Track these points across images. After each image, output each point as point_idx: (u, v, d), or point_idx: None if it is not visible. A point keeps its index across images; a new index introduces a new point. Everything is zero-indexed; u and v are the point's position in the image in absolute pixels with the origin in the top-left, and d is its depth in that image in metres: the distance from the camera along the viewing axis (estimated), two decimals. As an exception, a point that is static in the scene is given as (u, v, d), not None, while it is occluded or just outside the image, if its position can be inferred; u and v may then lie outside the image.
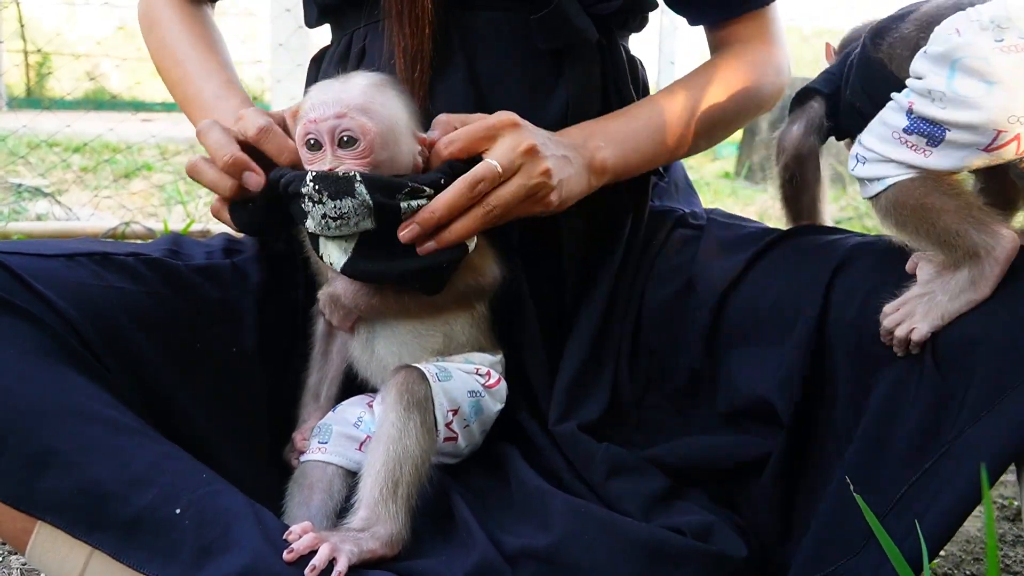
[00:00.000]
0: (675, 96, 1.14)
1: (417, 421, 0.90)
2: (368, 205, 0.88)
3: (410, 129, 0.96)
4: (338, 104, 0.90)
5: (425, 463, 0.90)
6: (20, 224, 3.02)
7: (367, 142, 0.90)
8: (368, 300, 0.99)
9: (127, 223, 2.95)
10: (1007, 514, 1.40)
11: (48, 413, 0.77)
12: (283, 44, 4.20)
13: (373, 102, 0.91)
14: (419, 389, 0.92)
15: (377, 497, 0.86)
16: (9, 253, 0.85)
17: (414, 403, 0.91)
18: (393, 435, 0.89)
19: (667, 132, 1.11)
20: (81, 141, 4.77)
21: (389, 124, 0.92)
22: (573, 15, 1.06)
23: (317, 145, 0.91)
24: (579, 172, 1.02)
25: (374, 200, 0.88)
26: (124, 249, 0.96)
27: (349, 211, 0.88)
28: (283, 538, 0.79)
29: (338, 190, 0.87)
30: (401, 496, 0.87)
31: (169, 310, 0.94)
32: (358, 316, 1.01)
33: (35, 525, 0.79)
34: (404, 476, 0.88)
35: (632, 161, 1.09)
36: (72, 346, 0.82)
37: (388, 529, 0.85)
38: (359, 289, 0.98)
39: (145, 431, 0.81)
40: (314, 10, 1.20)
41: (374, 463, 0.89)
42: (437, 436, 0.93)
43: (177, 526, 0.76)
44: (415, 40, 1.04)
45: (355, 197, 0.88)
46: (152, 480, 0.77)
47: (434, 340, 1.02)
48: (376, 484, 0.87)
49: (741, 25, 1.22)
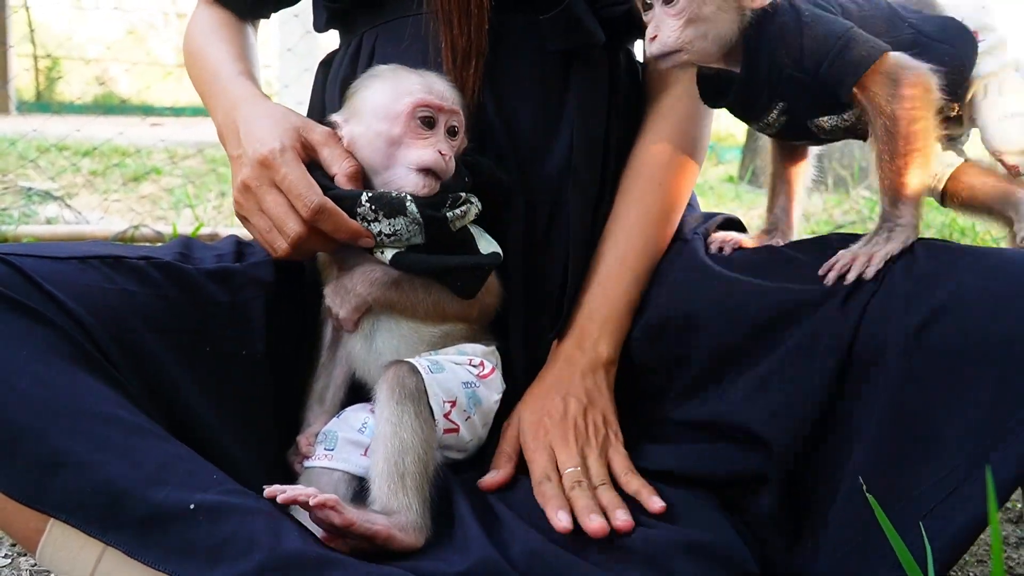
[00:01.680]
0: (632, 226, 1.13)
1: (411, 412, 0.92)
2: (419, 222, 0.96)
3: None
4: (455, 99, 1.03)
5: (428, 452, 0.92)
6: (30, 227, 3.04)
7: (461, 136, 1.04)
8: (382, 292, 1.00)
9: (136, 226, 2.96)
10: (1010, 516, 1.40)
11: (61, 414, 0.78)
12: (291, 49, 4.22)
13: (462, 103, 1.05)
14: (410, 381, 0.94)
15: (387, 492, 0.88)
16: (23, 256, 0.86)
17: (406, 395, 0.92)
18: (389, 431, 0.91)
19: (641, 264, 1.11)
20: (90, 145, 4.79)
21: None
22: (583, 16, 1.08)
23: (431, 123, 1.00)
24: (604, 394, 1.06)
25: (424, 216, 0.96)
26: (135, 252, 0.97)
27: (402, 228, 0.96)
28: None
29: (392, 209, 0.96)
30: (410, 487, 0.89)
31: (179, 313, 0.95)
32: (367, 309, 1.02)
33: (47, 524, 0.80)
34: (408, 467, 0.89)
35: (626, 311, 1.10)
36: (84, 348, 0.83)
37: (403, 519, 0.87)
38: (375, 280, 1.00)
39: (156, 432, 0.82)
40: (323, 14, 1.21)
41: (377, 462, 0.90)
42: (436, 427, 0.95)
43: (191, 524, 0.76)
44: (468, 38, 1.06)
45: (407, 215, 0.96)
46: (165, 479, 0.78)
47: (433, 335, 1.03)
48: (384, 481, 0.89)
49: None
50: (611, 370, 1.08)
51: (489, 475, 1.00)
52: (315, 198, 0.95)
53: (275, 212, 0.97)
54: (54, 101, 8.66)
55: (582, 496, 0.93)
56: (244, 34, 1.27)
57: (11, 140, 4.62)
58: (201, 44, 1.23)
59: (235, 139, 1.04)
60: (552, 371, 1.08)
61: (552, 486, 0.95)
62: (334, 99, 1.17)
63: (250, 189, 0.99)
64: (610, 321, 1.09)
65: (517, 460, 1.03)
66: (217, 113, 1.12)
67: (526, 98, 1.11)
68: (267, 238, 1.00)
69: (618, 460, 1.00)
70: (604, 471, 0.98)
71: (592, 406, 1.03)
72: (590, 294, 1.10)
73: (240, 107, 1.07)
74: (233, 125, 1.06)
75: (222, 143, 1.11)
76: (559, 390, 1.04)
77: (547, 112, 1.11)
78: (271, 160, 0.97)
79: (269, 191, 0.98)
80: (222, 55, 1.19)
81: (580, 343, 1.07)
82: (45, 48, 9.50)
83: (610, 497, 0.94)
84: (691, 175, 1.19)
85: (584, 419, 1.02)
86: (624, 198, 1.15)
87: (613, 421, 1.05)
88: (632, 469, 0.99)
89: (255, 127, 1.02)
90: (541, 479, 0.96)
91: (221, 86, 1.14)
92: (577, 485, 0.95)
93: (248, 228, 1.04)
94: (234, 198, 1.03)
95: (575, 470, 0.97)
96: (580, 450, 0.99)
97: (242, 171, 1.00)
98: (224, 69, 1.16)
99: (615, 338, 1.09)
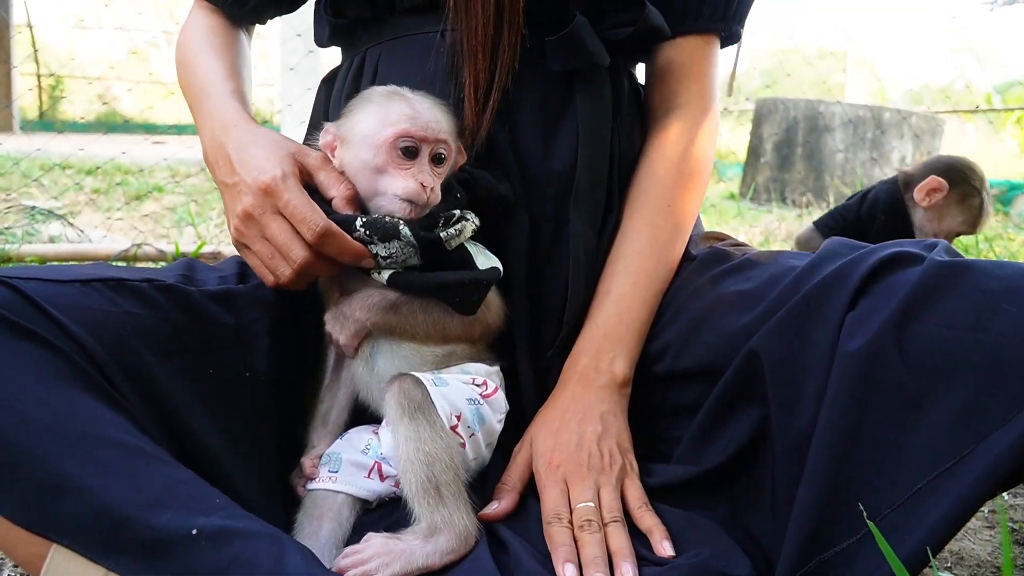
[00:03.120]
0: (643, 247, 1.13)
1: (426, 423, 0.92)
2: (413, 244, 0.97)
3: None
4: (441, 127, 1.00)
5: (454, 457, 0.92)
6: (33, 246, 3.05)
7: (450, 162, 1.02)
8: (380, 316, 1.00)
9: (139, 245, 2.97)
10: (1017, 538, 1.39)
11: (64, 437, 0.78)
12: (293, 68, 4.23)
13: (454, 128, 1.03)
14: (416, 393, 0.93)
15: (427, 509, 0.88)
16: (27, 279, 0.86)
17: (416, 407, 0.92)
18: (412, 449, 0.91)
19: (654, 284, 1.12)
20: (93, 164, 4.82)
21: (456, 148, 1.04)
22: (587, 38, 1.08)
23: (413, 154, 0.99)
24: (619, 419, 1.06)
25: (418, 238, 0.96)
26: (138, 275, 0.97)
27: (397, 251, 0.97)
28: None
29: (386, 234, 0.96)
30: (447, 496, 0.89)
31: (182, 336, 0.95)
32: (367, 334, 1.02)
33: (50, 549, 0.79)
34: (440, 477, 0.89)
35: (641, 332, 1.11)
36: (87, 372, 0.83)
37: (449, 535, 0.88)
38: (373, 305, 1.00)
39: (159, 455, 0.82)
40: (326, 29, 1.21)
41: (410, 482, 0.90)
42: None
43: (193, 548, 0.76)
44: (493, 74, 1.07)
45: (401, 239, 0.96)
46: (167, 503, 0.77)
47: (435, 356, 1.03)
48: (421, 499, 0.89)
49: (679, 48, 1.23)
50: (626, 392, 1.08)
51: (490, 506, 0.99)
52: (320, 221, 0.95)
53: (279, 239, 0.98)
54: (57, 120, 8.71)
55: (591, 543, 0.91)
56: (238, 43, 1.27)
57: (15, 159, 4.64)
58: (193, 54, 1.22)
59: (227, 166, 1.04)
60: (566, 392, 1.07)
61: (562, 529, 0.94)
62: (336, 117, 1.17)
63: (253, 217, 0.99)
64: (625, 341, 1.09)
65: (522, 491, 1.02)
66: (204, 132, 1.12)
67: (530, 115, 1.12)
68: (270, 264, 1.00)
69: (633, 493, 0.99)
70: (618, 504, 0.97)
71: (607, 434, 1.03)
72: (605, 313, 1.10)
73: (230, 131, 1.07)
74: (222, 151, 1.05)
75: (208, 164, 1.10)
76: (573, 414, 1.04)
77: (551, 129, 1.12)
78: (273, 187, 0.97)
79: (273, 218, 0.98)
80: (213, 70, 1.18)
81: (596, 362, 1.07)
82: (48, 67, 9.56)
83: (619, 542, 0.92)
84: (698, 194, 1.19)
85: (599, 448, 1.01)
86: (633, 219, 1.15)
87: (629, 450, 1.04)
88: (646, 502, 0.98)
89: (250, 155, 1.01)
90: (552, 519, 0.95)
91: (210, 105, 1.13)
92: (587, 525, 0.93)
93: (247, 256, 1.04)
94: (235, 227, 1.02)
95: (588, 506, 0.95)
96: (595, 481, 0.98)
97: (243, 200, 1.00)
98: (214, 88, 1.15)
99: (631, 358, 1.09)
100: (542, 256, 1.11)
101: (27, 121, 8.62)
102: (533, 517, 0.97)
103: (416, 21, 1.13)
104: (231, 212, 1.03)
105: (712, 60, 1.25)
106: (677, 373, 1.08)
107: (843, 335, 0.88)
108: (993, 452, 0.76)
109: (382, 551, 0.86)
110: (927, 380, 0.82)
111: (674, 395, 1.09)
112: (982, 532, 1.43)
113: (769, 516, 0.94)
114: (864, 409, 0.84)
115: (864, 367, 0.84)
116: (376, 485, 0.98)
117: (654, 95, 1.24)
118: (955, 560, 1.33)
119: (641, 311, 1.10)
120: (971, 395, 0.79)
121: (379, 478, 0.98)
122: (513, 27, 1.06)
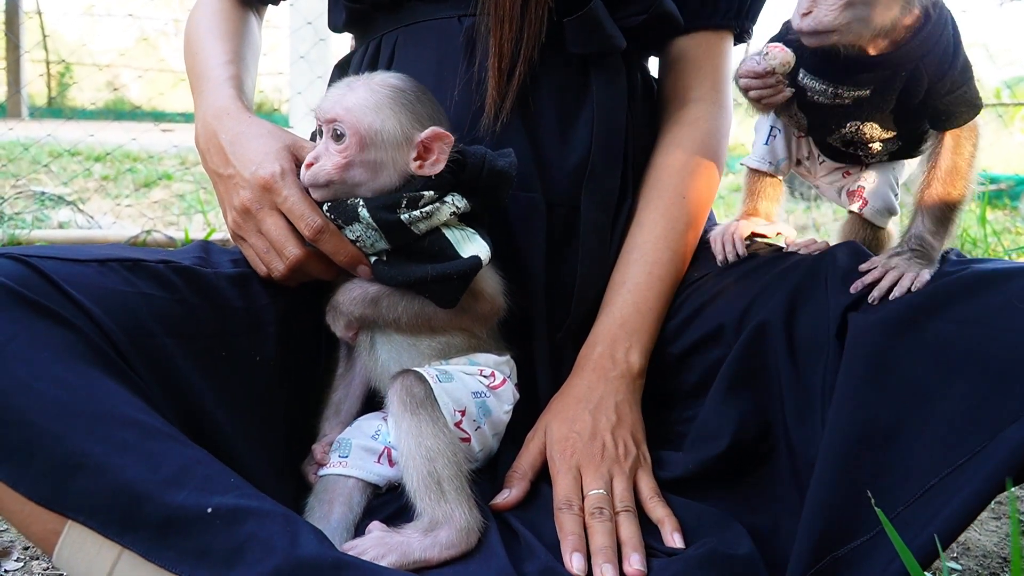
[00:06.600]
0: (658, 237, 1.14)
1: (428, 419, 0.92)
2: (373, 226, 0.95)
3: (405, 138, 0.97)
4: (331, 106, 0.97)
5: (456, 452, 0.92)
6: (43, 232, 3.06)
7: (349, 140, 0.96)
8: (362, 309, 1.01)
9: (148, 231, 2.98)
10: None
11: (80, 416, 0.78)
12: (303, 56, 4.23)
13: (367, 107, 0.96)
14: (419, 390, 0.94)
15: (430, 504, 0.89)
16: (44, 258, 0.86)
17: (418, 404, 0.93)
18: (413, 444, 0.91)
19: (669, 275, 1.13)
20: (103, 150, 4.83)
21: (376, 129, 0.96)
22: (604, 21, 1.09)
23: (320, 134, 0.99)
24: (634, 410, 1.06)
25: (377, 219, 0.95)
26: (155, 256, 0.97)
27: (362, 233, 0.96)
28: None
29: (347, 216, 0.96)
30: (449, 492, 0.90)
31: (197, 317, 0.95)
32: (360, 325, 1.03)
33: (64, 526, 0.80)
34: (442, 472, 0.90)
35: (656, 322, 1.11)
36: (104, 351, 0.83)
37: (449, 530, 0.88)
38: (355, 298, 1.01)
39: (174, 435, 0.82)
40: (342, 14, 1.21)
41: (412, 477, 0.91)
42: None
43: (208, 527, 0.76)
44: (519, 44, 1.06)
45: (360, 221, 0.95)
46: (183, 482, 0.78)
47: (431, 347, 1.03)
48: (424, 494, 0.90)
49: (694, 43, 1.24)
50: (640, 383, 1.08)
51: (501, 495, 0.99)
52: (318, 219, 0.96)
53: (275, 235, 0.99)
54: (66, 107, 8.72)
55: (600, 531, 0.92)
56: (246, 27, 1.26)
57: (24, 145, 4.66)
58: (198, 37, 1.22)
59: (219, 156, 1.04)
60: (581, 380, 1.07)
61: (572, 516, 0.94)
62: None
63: (250, 212, 1.00)
64: (640, 332, 1.09)
65: (532, 478, 1.02)
66: (198, 117, 1.12)
67: (548, 99, 1.12)
68: (264, 259, 1.01)
69: (645, 483, 1.00)
70: (630, 495, 0.97)
71: (621, 424, 1.03)
72: (621, 302, 1.10)
73: (223, 120, 1.07)
74: (215, 139, 1.05)
75: (199, 150, 1.10)
76: (588, 403, 1.04)
77: (568, 115, 1.12)
78: (272, 183, 0.98)
79: (270, 214, 0.99)
80: (214, 53, 1.18)
81: (612, 352, 1.07)
82: (58, 54, 9.56)
83: (629, 532, 0.93)
84: (713, 186, 1.20)
85: (614, 438, 1.01)
86: (648, 209, 1.15)
87: (642, 441, 1.04)
88: (658, 493, 0.99)
89: (247, 148, 1.02)
90: (563, 505, 0.95)
91: (207, 88, 1.13)
92: (598, 513, 0.94)
93: (243, 248, 1.04)
94: (232, 219, 1.03)
95: (600, 494, 0.96)
96: (608, 471, 0.99)
97: (240, 193, 1.01)
98: (213, 72, 1.15)
99: (646, 348, 1.09)
100: (558, 240, 1.12)
101: (36, 107, 8.63)
102: (545, 505, 0.98)
103: (433, 7, 1.13)
104: (227, 204, 1.04)
105: (726, 56, 1.25)
106: (688, 348, 1.08)
107: (855, 331, 0.88)
108: (1006, 447, 0.76)
109: (379, 543, 0.88)
110: (939, 376, 0.82)
111: (685, 376, 1.09)
112: (988, 523, 1.43)
113: (782, 511, 0.95)
114: (876, 406, 0.84)
115: (877, 363, 0.85)
116: (386, 470, 0.98)
117: (669, 88, 1.25)
118: (961, 550, 1.33)
119: (657, 302, 1.11)
120: (983, 391, 0.79)
121: (389, 463, 0.99)
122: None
